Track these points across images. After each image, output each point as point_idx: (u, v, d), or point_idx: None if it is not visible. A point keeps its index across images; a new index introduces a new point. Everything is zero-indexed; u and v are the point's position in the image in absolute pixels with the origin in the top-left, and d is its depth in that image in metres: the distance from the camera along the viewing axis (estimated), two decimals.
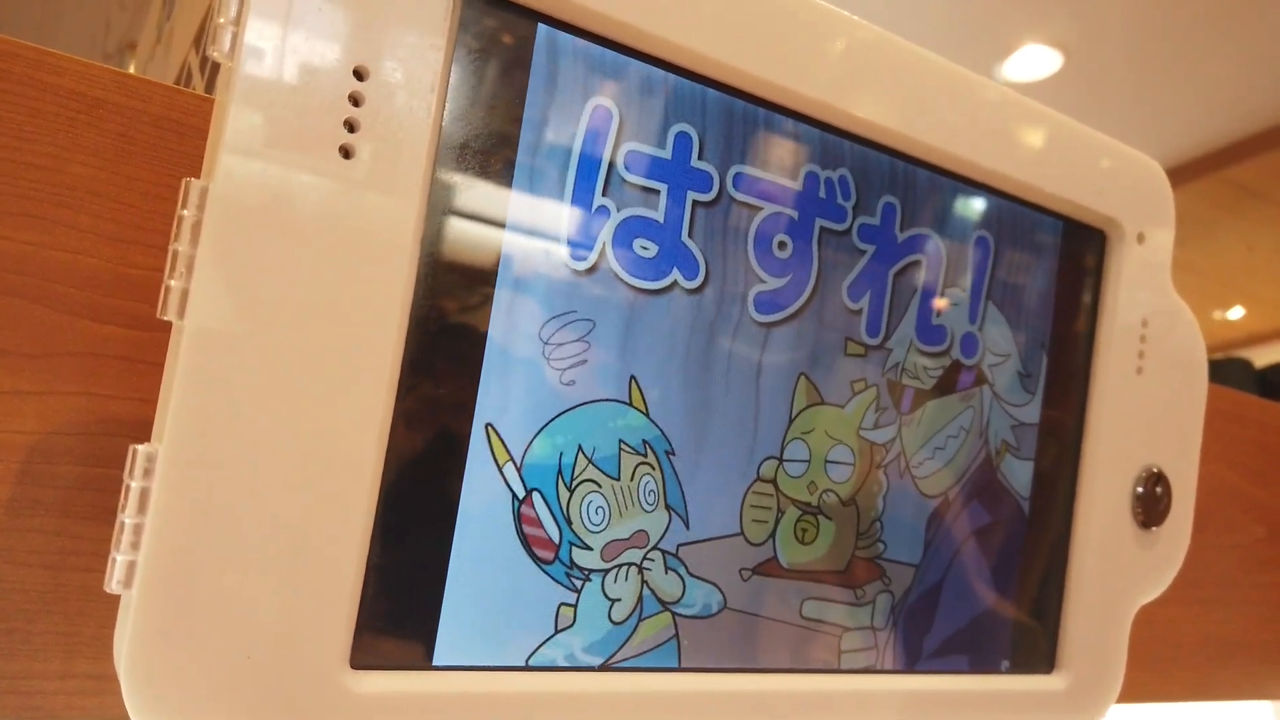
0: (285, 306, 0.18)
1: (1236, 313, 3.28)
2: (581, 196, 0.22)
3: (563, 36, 0.21)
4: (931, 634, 0.28)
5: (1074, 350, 0.30)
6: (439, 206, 0.20)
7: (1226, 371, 0.85)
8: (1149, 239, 0.30)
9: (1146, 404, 0.31)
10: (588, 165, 0.22)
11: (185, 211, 0.18)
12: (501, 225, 0.21)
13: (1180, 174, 2.55)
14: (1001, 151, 0.27)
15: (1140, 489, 0.30)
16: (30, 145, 0.22)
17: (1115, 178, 0.30)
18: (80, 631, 0.21)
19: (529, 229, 0.21)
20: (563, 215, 0.22)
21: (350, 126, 0.19)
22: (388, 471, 0.19)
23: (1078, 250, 0.30)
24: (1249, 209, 2.71)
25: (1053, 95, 2.30)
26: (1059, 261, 0.30)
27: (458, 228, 0.20)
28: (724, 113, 0.24)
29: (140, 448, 0.17)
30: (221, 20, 0.18)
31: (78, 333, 0.22)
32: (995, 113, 0.27)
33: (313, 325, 0.18)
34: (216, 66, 0.19)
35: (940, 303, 0.27)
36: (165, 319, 0.18)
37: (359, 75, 0.19)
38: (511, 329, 0.21)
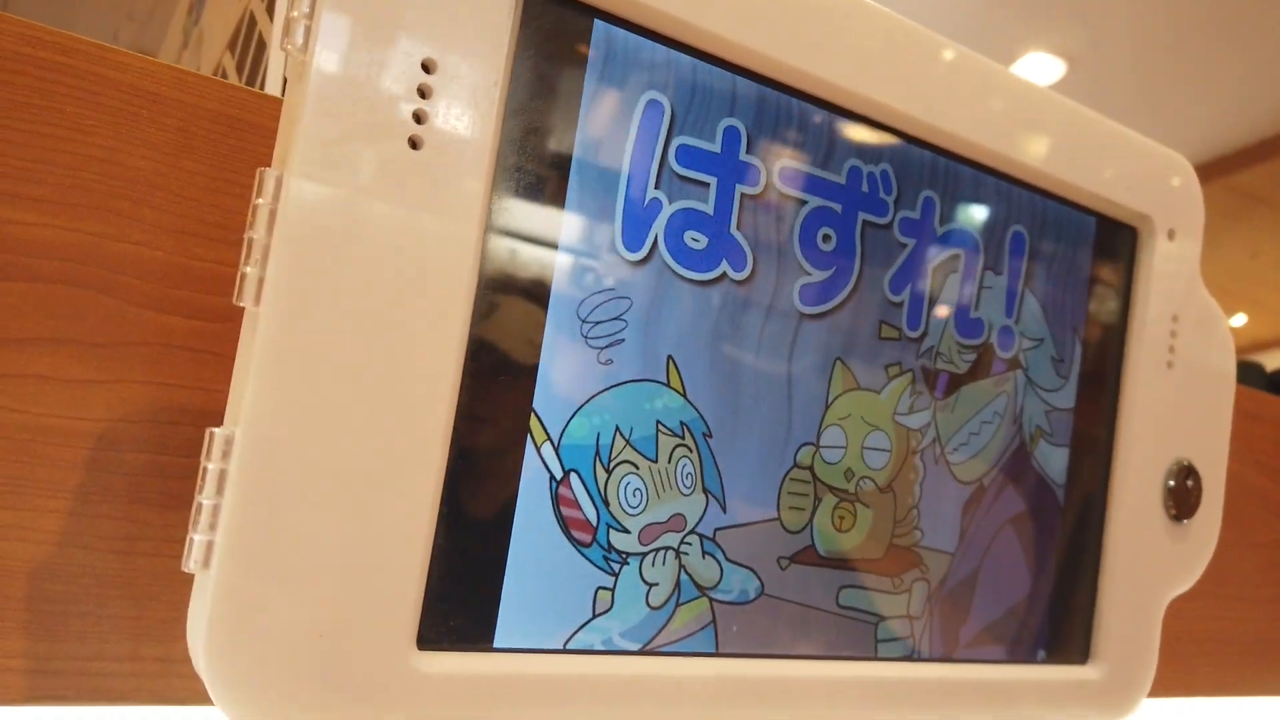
0: (357, 291, 0.18)
1: (1239, 319, 3.29)
2: (635, 188, 0.22)
3: (618, 32, 0.22)
4: (968, 623, 0.28)
5: (1106, 343, 0.30)
6: (501, 197, 0.20)
7: (1238, 374, 0.85)
8: (1179, 235, 0.31)
9: (1177, 398, 0.31)
10: (641, 158, 0.22)
11: (260, 200, 0.18)
12: (560, 212, 0.21)
13: None
14: (1037, 148, 0.28)
15: (1172, 482, 0.31)
16: (91, 138, 0.22)
17: (1147, 175, 0.30)
18: (148, 615, 0.21)
19: (585, 220, 0.22)
20: (617, 207, 0.22)
21: (418, 118, 0.19)
22: (453, 455, 0.20)
23: (1110, 246, 0.30)
24: (1253, 215, 2.72)
25: None
26: (1092, 256, 0.30)
27: (519, 216, 0.21)
28: (771, 108, 0.24)
29: (217, 431, 0.18)
30: (295, 14, 0.18)
31: (143, 323, 0.22)
32: (1032, 109, 0.28)
33: (384, 310, 0.19)
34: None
35: (977, 298, 0.28)
36: (240, 305, 0.18)
37: (427, 68, 0.19)
38: (560, 312, 0.21)
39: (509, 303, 0.21)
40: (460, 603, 0.20)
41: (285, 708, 0.18)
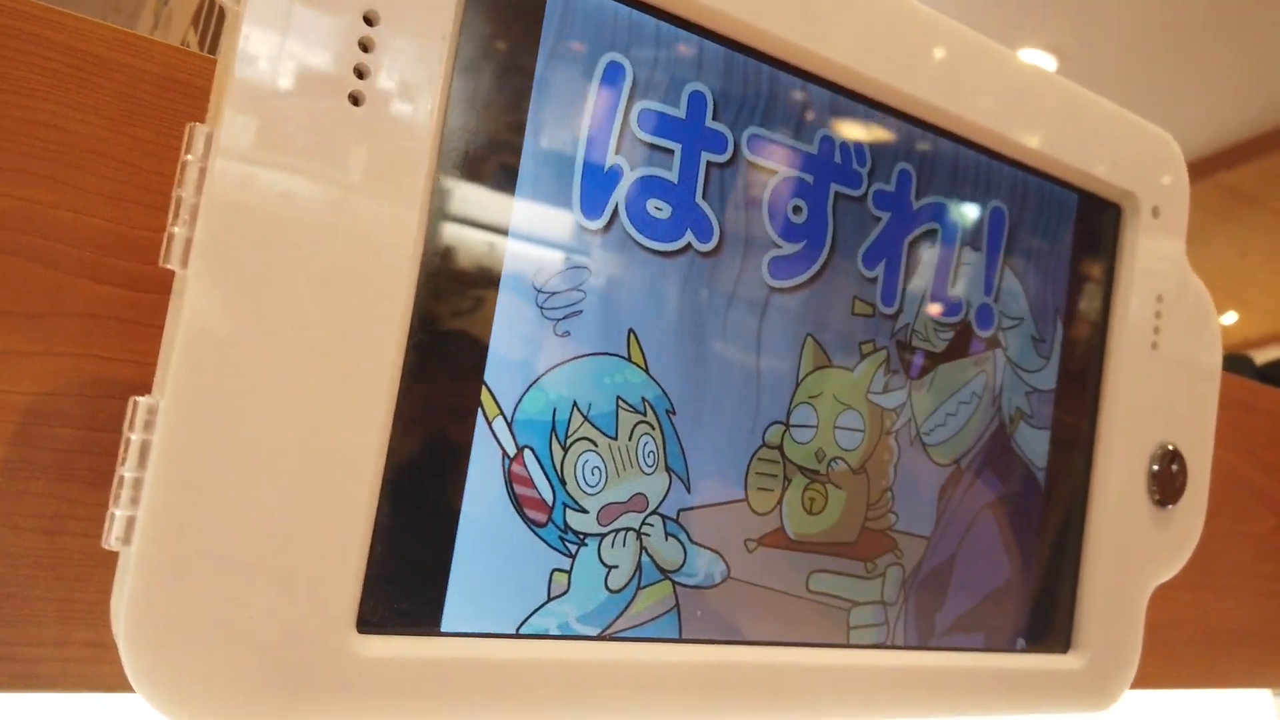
0: (292, 256, 0.17)
1: (1230, 318, 3.29)
2: (595, 154, 0.21)
3: None
4: (944, 609, 0.27)
5: (1089, 323, 0.30)
6: (449, 159, 0.19)
7: (1227, 368, 0.84)
8: (1164, 213, 0.30)
9: (1162, 380, 0.30)
10: (601, 122, 0.21)
11: (189, 157, 0.17)
12: (514, 177, 0.20)
13: None
14: (1017, 121, 0.27)
15: (1156, 466, 0.30)
16: (35, 103, 0.21)
17: (1130, 151, 0.29)
18: (78, 598, 0.20)
19: (540, 185, 0.21)
20: (575, 173, 0.21)
21: (360, 73, 0.18)
22: (396, 428, 0.19)
23: (1093, 223, 0.30)
24: (1242, 214, 2.71)
25: None
26: (1074, 234, 0.29)
27: (469, 179, 0.20)
28: (739, 73, 0.23)
29: (141, 400, 0.17)
30: None
31: (77, 293, 0.21)
32: (1012, 82, 0.27)
33: (321, 276, 0.18)
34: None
35: (955, 273, 0.27)
36: (168, 267, 0.17)
37: (369, 20, 0.18)
38: (513, 281, 0.20)
39: (457, 271, 0.20)
40: (404, 584, 0.19)
41: (210, 694, 0.17)
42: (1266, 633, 0.46)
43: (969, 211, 0.27)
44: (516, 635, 0.21)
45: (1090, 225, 0.29)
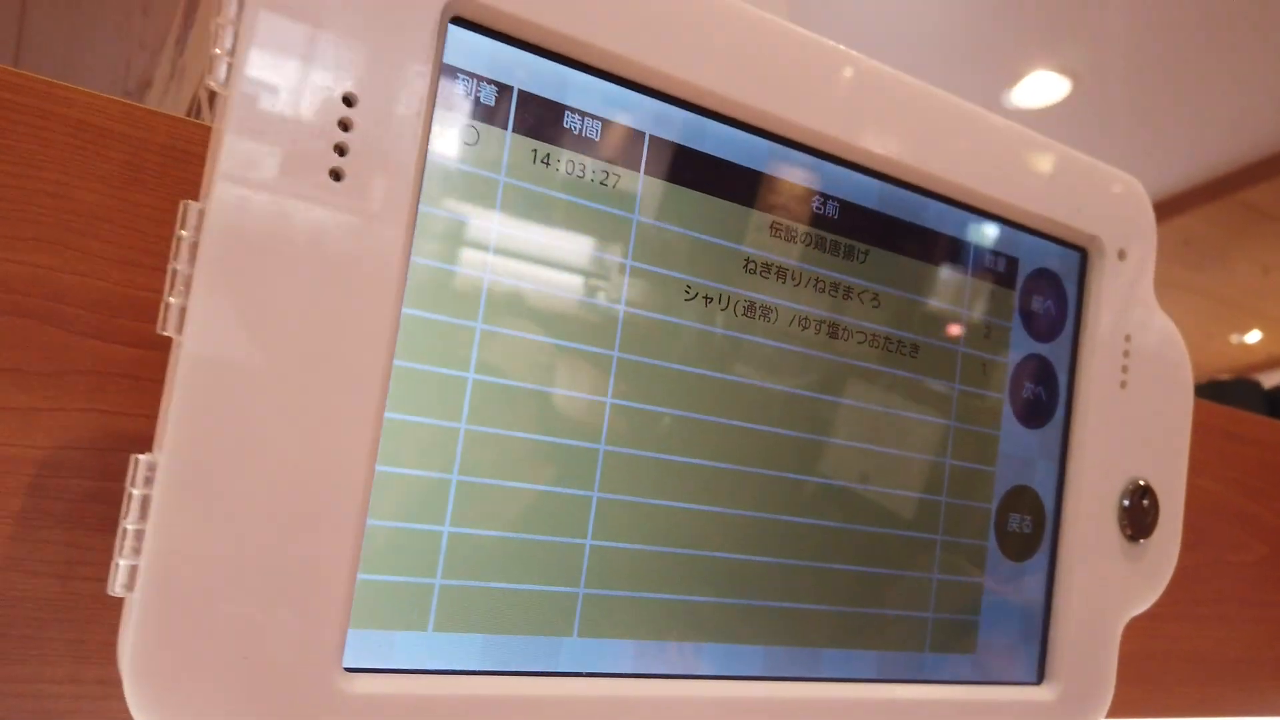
0: (279, 322, 0.19)
1: (1254, 336, 3.27)
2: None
3: (542, 63, 0.22)
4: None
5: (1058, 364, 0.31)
6: (425, 229, 0.21)
7: (1235, 392, 0.85)
8: (1130, 255, 0.31)
9: (1132, 418, 0.31)
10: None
11: (183, 232, 0.19)
12: (485, 243, 0.22)
13: (1192, 197, 2.55)
14: (979, 170, 0.28)
15: (1127, 502, 0.31)
16: (41, 173, 0.23)
17: (1094, 196, 0.30)
18: (89, 638, 0.22)
19: (513, 253, 0.22)
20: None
21: (340, 150, 0.20)
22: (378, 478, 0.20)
23: (1058, 267, 0.31)
24: (1263, 231, 2.70)
25: (1061, 120, 2.32)
26: (1037, 279, 0.30)
27: (444, 246, 0.21)
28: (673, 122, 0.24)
29: (142, 457, 0.18)
30: (218, 51, 0.19)
31: (86, 352, 0.23)
32: (973, 133, 0.28)
33: (305, 341, 0.19)
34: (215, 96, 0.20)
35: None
36: (165, 334, 0.18)
37: (348, 101, 0.20)
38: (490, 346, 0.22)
39: (433, 333, 0.21)
40: (387, 625, 0.21)
41: None
42: (1258, 660, 0.46)
43: (936, 259, 0.28)
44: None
45: (1054, 268, 0.31)
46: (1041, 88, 2.21)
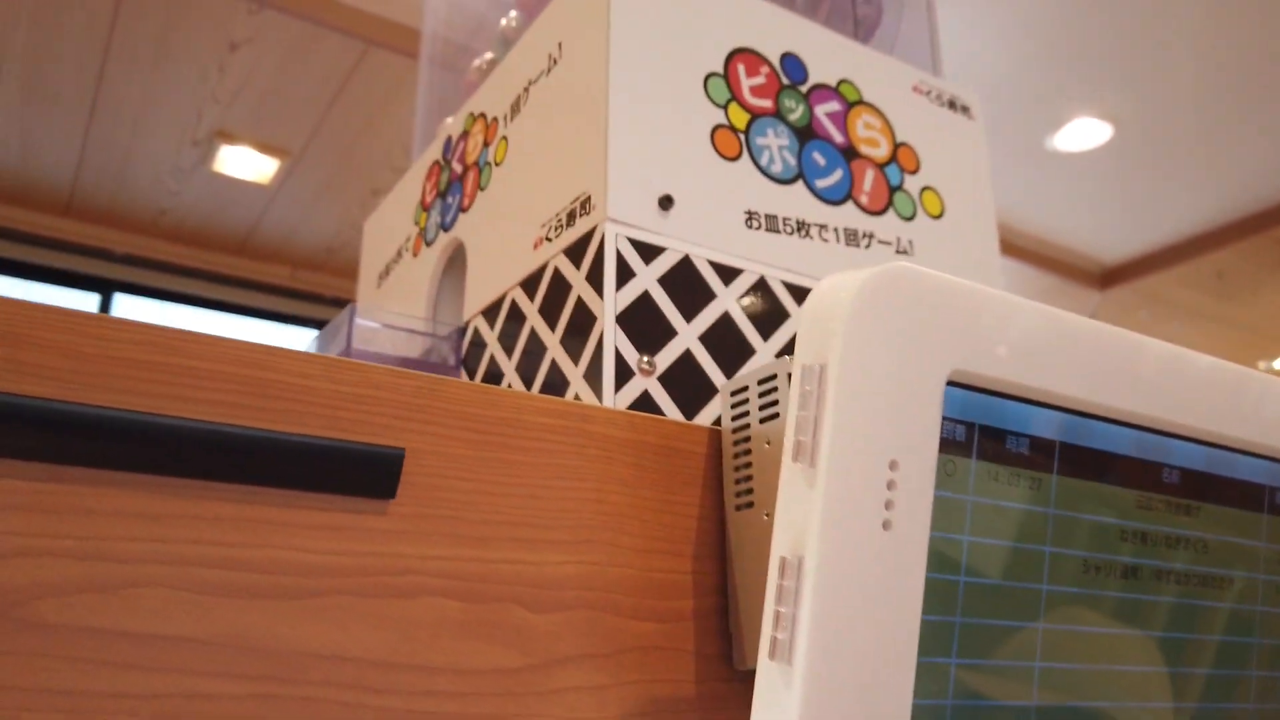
0: (866, 633, 0.25)
1: None
2: None
3: (995, 402, 0.28)
4: None
5: None
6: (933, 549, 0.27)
7: None
8: None
9: None
10: None
11: (786, 582, 0.24)
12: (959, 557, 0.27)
13: (1228, 233, 2.62)
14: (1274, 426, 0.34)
15: None
16: (583, 483, 0.29)
17: None
18: None
19: (981, 553, 0.28)
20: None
21: (888, 505, 0.25)
22: None
23: None
24: None
25: (1104, 163, 2.38)
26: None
27: (938, 564, 0.27)
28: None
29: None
30: (802, 439, 0.25)
31: (631, 632, 0.28)
32: (1273, 399, 0.34)
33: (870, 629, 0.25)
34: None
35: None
36: (773, 662, 0.24)
37: (892, 466, 0.25)
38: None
39: (929, 629, 0.27)
40: None
41: None
42: None
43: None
44: None
45: None
46: (1084, 132, 2.27)
